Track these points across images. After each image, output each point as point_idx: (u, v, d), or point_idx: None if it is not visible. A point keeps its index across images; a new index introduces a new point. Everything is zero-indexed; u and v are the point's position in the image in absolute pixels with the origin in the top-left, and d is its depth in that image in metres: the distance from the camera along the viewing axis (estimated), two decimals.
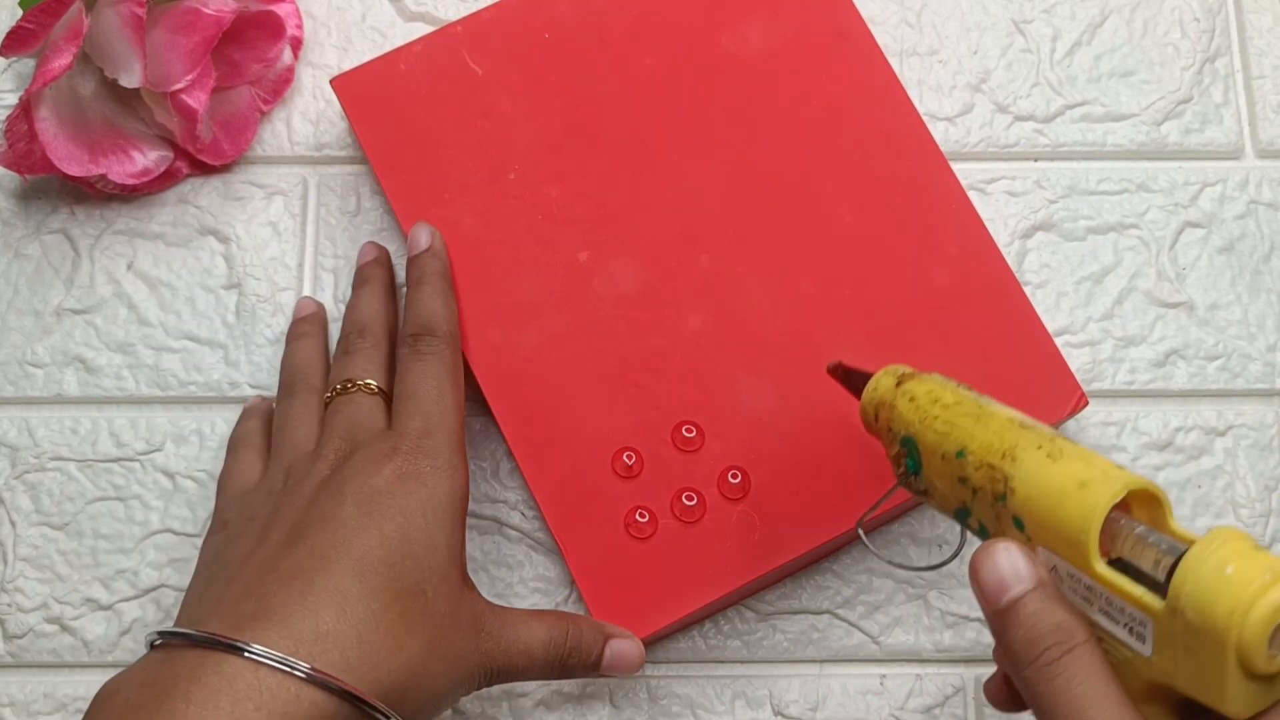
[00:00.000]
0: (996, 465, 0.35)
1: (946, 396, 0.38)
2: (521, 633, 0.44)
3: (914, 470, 0.39)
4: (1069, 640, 0.32)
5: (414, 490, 0.42)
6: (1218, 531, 0.30)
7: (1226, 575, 0.29)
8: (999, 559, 0.34)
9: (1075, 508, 0.32)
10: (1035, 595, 0.33)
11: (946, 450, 0.37)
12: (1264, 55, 0.57)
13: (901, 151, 0.52)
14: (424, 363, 0.46)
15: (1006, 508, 0.34)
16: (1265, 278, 0.55)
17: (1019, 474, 0.34)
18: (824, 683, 0.50)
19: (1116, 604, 0.32)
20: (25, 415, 0.53)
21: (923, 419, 0.38)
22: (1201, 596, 0.29)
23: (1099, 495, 0.32)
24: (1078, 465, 0.33)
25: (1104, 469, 0.33)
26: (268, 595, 0.39)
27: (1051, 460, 0.33)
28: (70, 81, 0.51)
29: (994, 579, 0.34)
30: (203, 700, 0.36)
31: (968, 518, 0.37)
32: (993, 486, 0.35)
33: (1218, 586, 0.29)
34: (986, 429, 0.36)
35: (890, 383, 0.40)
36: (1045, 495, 0.33)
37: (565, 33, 0.52)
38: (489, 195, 0.51)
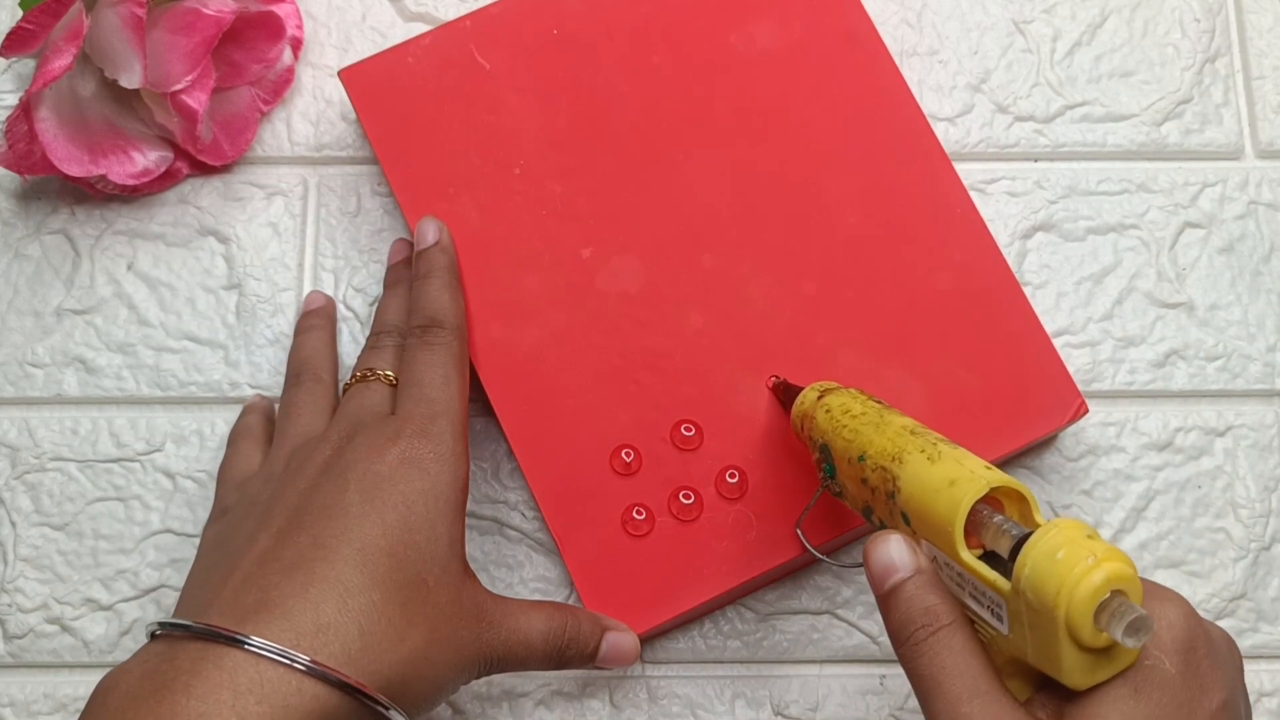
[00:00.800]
0: (888, 467, 0.39)
1: (855, 408, 0.43)
2: (521, 623, 0.44)
3: (830, 474, 0.43)
4: (935, 622, 0.36)
5: (416, 478, 0.42)
6: (1055, 521, 0.34)
7: (1057, 559, 0.32)
8: (886, 548, 0.38)
9: (945, 503, 0.36)
10: (912, 582, 0.37)
11: (851, 455, 0.41)
12: (1264, 55, 0.57)
13: (906, 154, 0.52)
14: (431, 352, 0.46)
15: (896, 504, 0.38)
16: (1265, 278, 0.54)
17: (904, 474, 0.38)
18: (824, 683, 0.50)
19: (979, 588, 0.35)
20: (25, 415, 0.53)
21: (834, 427, 0.42)
22: (1036, 578, 0.32)
23: (965, 491, 0.36)
24: (951, 466, 0.37)
25: (972, 469, 0.36)
26: (269, 586, 0.39)
27: (930, 462, 0.38)
28: (70, 82, 0.51)
29: (880, 566, 0.37)
30: (204, 694, 0.36)
31: (871, 515, 0.41)
32: (885, 486, 0.39)
33: (1049, 568, 0.32)
34: (882, 435, 0.40)
35: (813, 396, 0.45)
36: (923, 493, 0.37)
37: (573, 29, 0.53)
38: (494, 190, 0.51)
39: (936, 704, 0.35)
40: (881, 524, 0.40)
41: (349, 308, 0.54)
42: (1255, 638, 0.51)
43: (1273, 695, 0.51)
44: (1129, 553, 0.51)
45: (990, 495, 0.36)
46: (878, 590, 0.38)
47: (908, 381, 0.49)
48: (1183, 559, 0.52)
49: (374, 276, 0.54)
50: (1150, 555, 0.52)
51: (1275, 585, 0.51)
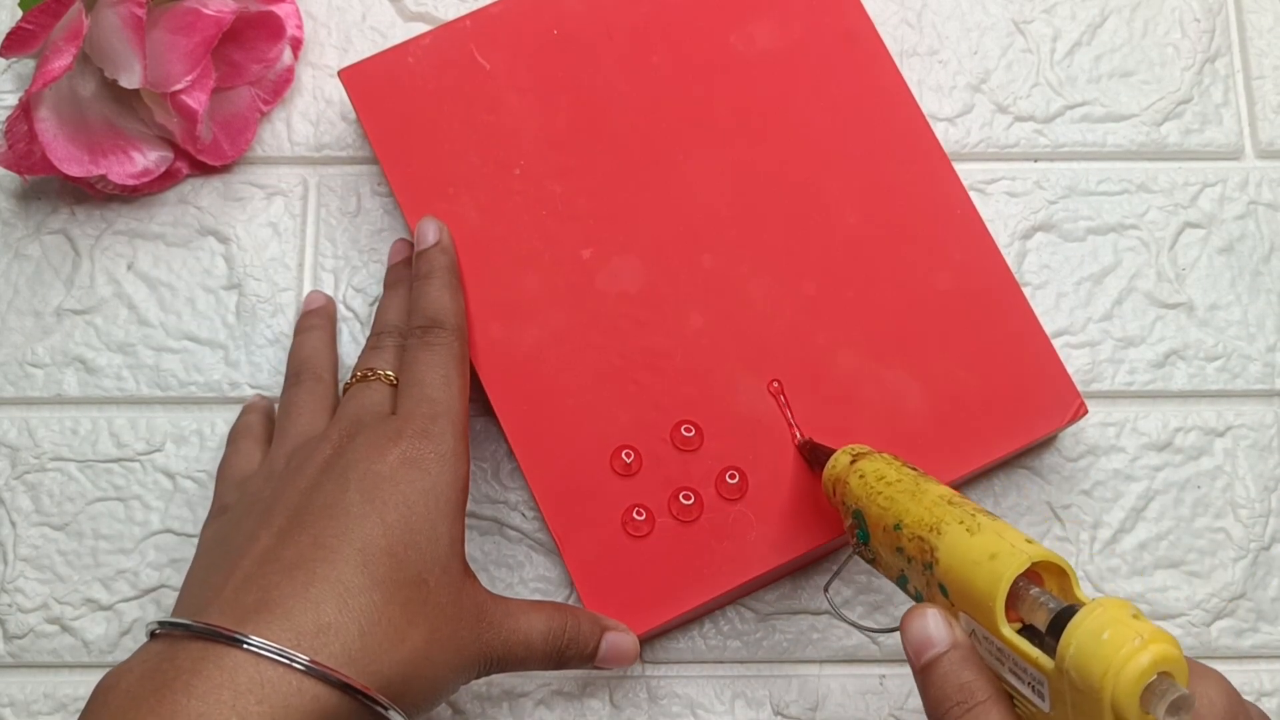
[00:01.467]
0: (925, 537, 0.38)
1: (890, 474, 0.42)
2: (521, 623, 0.44)
3: (864, 540, 0.42)
4: (971, 699, 0.36)
5: (417, 478, 0.42)
6: (1099, 600, 0.33)
7: (1102, 639, 0.32)
8: (923, 622, 0.37)
9: (986, 577, 0.36)
10: (948, 657, 0.37)
11: (887, 523, 0.40)
12: (1264, 55, 0.57)
13: (906, 154, 0.52)
14: (432, 352, 0.46)
15: (934, 576, 0.38)
16: (1265, 278, 0.54)
17: (943, 546, 0.38)
18: (824, 683, 0.50)
19: (1020, 664, 0.35)
20: (25, 415, 0.53)
21: (869, 494, 0.42)
22: (1081, 658, 0.32)
23: (1006, 565, 0.35)
24: (991, 539, 0.36)
25: (1013, 543, 0.36)
26: (270, 586, 0.39)
27: (970, 534, 0.37)
28: (70, 82, 0.51)
29: (917, 640, 0.37)
30: (204, 694, 0.36)
31: (906, 584, 0.40)
32: (922, 556, 0.38)
33: (1095, 649, 0.32)
34: (920, 504, 0.39)
35: (846, 460, 0.44)
36: (963, 565, 0.37)
37: (573, 29, 0.53)
38: (494, 190, 0.51)
39: None
40: (918, 593, 0.39)
41: (349, 308, 0.54)
42: (1255, 638, 0.51)
43: (1273, 695, 0.51)
44: (1128, 553, 0.52)
45: (1030, 569, 0.35)
46: (915, 664, 0.37)
47: (908, 381, 0.49)
48: (1182, 559, 0.52)
49: (374, 276, 0.54)
50: (1150, 555, 0.52)
51: (1275, 585, 0.51)
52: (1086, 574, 0.51)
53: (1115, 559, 0.51)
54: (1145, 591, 0.51)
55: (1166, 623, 0.51)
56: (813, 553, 0.49)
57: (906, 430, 0.49)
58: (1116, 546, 0.52)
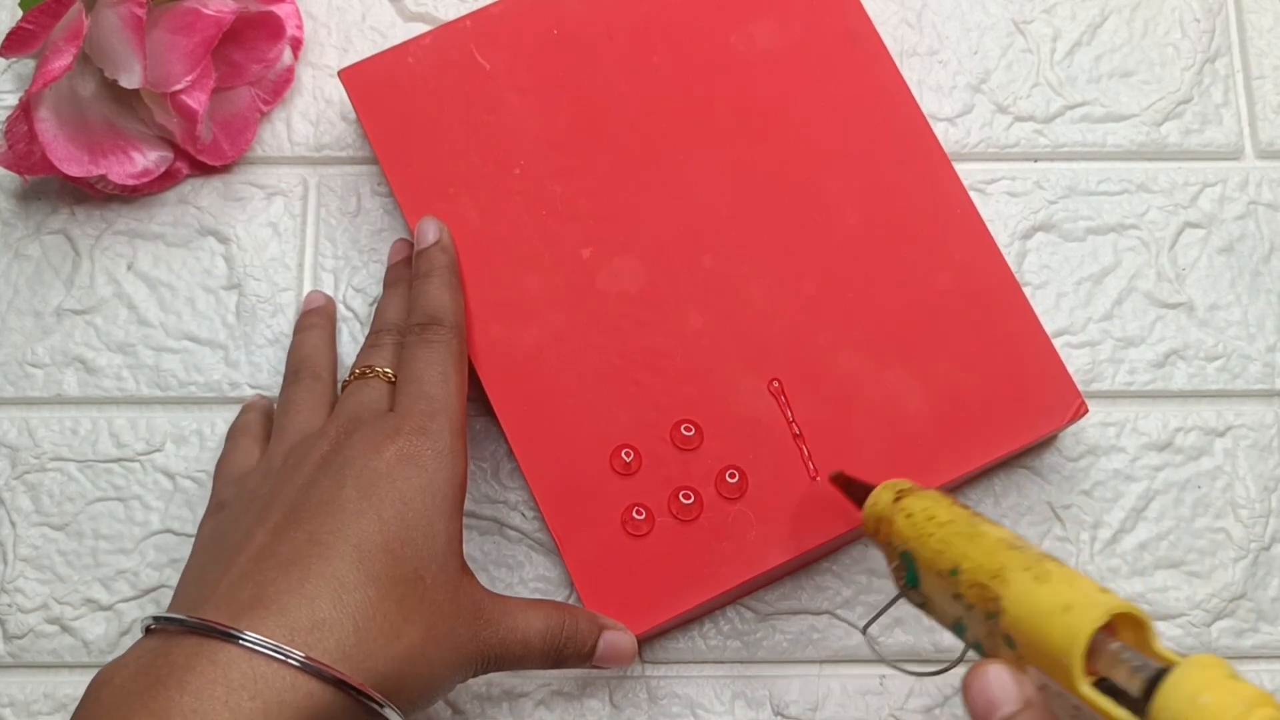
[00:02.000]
0: (987, 585, 0.36)
1: (941, 514, 0.39)
2: (519, 622, 0.44)
3: (912, 584, 0.40)
4: None
5: (414, 474, 0.42)
6: (1196, 658, 0.31)
7: (1202, 703, 0.30)
8: (988, 680, 0.35)
9: (1061, 631, 0.33)
10: (1021, 716, 0.34)
11: (941, 567, 0.38)
12: (1264, 55, 0.57)
13: (906, 155, 0.52)
14: (430, 349, 0.46)
15: (998, 626, 0.35)
16: (1265, 278, 0.54)
17: (1008, 595, 0.35)
18: (824, 683, 0.50)
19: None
20: (25, 415, 0.53)
21: (919, 535, 0.39)
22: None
23: (1083, 619, 0.33)
24: (1063, 589, 0.34)
25: (1087, 593, 0.34)
26: (265, 582, 0.39)
27: (1038, 583, 0.35)
28: (70, 82, 0.51)
29: (983, 700, 0.35)
30: (198, 690, 0.36)
31: (964, 632, 0.38)
32: (984, 605, 0.36)
33: (1194, 714, 0.30)
34: (979, 548, 0.37)
35: (889, 498, 0.42)
36: (1033, 617, 0.34)
37: (573, 29, 0.53)
38: (494, 190, 0.51)
39: None
40: (976, 642, 0.37)
41: (349, 307, 0.54)
42: (1255, 638, 0.51)
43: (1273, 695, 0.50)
44: (1129, 553, 0.51)
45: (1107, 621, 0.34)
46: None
47: (908, 381, 0.49)
48: (1183, 559, 0.52)
49: (374, 276, 0.54)
50: (1150, 555, 0.52)
51: (1275, 585, 0.51)
52: (1086, 574, 0.51)
53: (1115, 559, 0.51)
54: (1145, 592, 0.51)
55: (1166, 623, 0.51)
56: (813, 552, 0.48)
57: (906, 430, 0.49)
58: (1117, 547, 0.52)
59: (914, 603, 0.40)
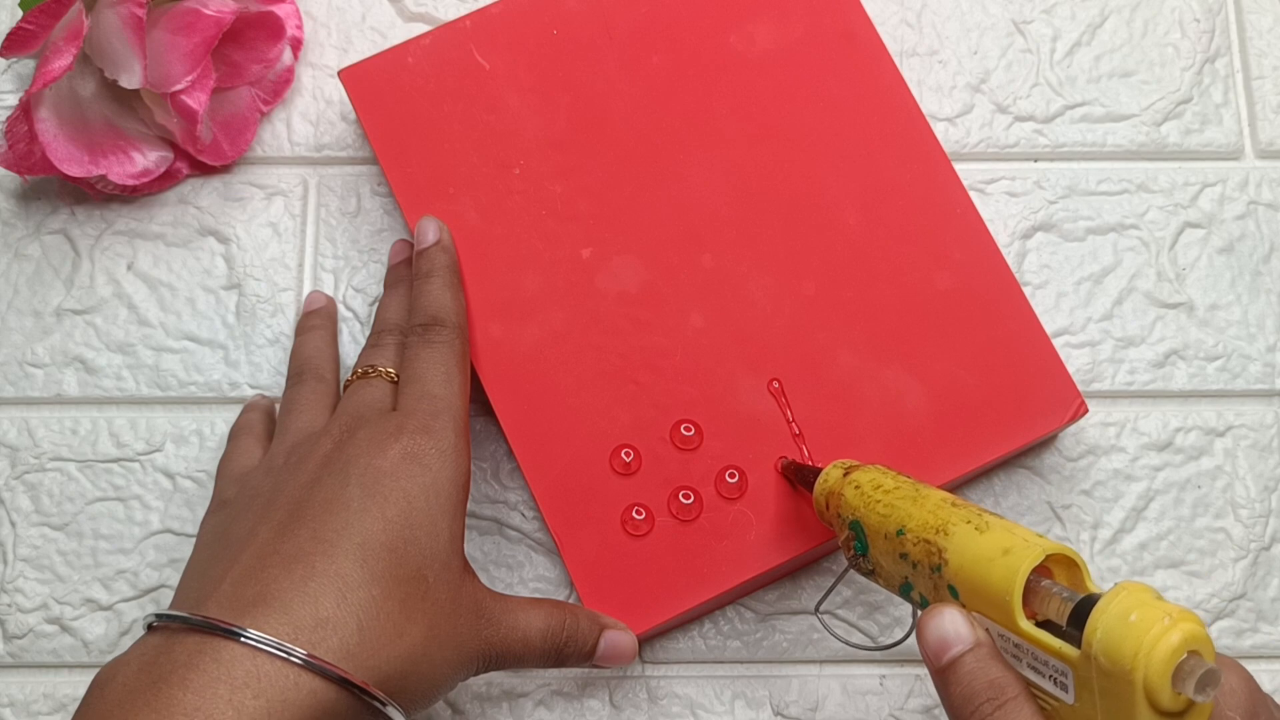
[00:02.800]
0: (932, 540, 0.38)
1: (887, 483, 0.42)
2: (520, 620, 0.44)
3: (862, 551, 0.42)
4: (1001, 695, 0.34)
5: (418, 473, 0.42)
6: (1121, 584, 0.33)
7: (1130, 621, 0.31)
8: (942, 621, 0.36)
9: (1000, 572, 0.35)
10: (972, 654, 0.35)
11: (888, 530, 0.40)
12: (1264, 55, 0.57)
13: (906, 154, 0.52)
14: (433, 349, 0.46)
15: (942, 578, 0.37)
16: (1265, 278, 0.54)
17: (951, 546, 0.37)
18: (824, 683, 0.50)
19: (1041, 658, 0.34)
20: (25, 415, 0.53)
21: (867, 503, 0.41)
22: (1109, 641, 0.32)
23: (1020, 559, 0.35)
24: (1002, 535, 0.36)
25: (1025, 537, 0.36)
26: (268, 580, 0.39)
27: (979, 532, 0.37)
28: (70, 82, 0.51)
29: (936, 639, 0.36)
30: (201, 688, 0.36)
31: (910, 591, 0.39)
32: (929, 559, 0.38)
33: (1123, 631, 0.32)
34: (922, 508, 0.39)
35: (838, 474, 0.44)
36: (974, 563, 0.36)
37: (573, 29, 0.53)
38: (493, 190, 0.51)
39: None
40: (923, 599, 0.39)
41: (349, 308, 0.54)
42: (1255, 638, 0.51)
43: (1273, 695, 0.51)
44: (1128, 553, 0.51)
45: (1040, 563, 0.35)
46: (934, 664, 0.36)
47: (908, 381, 0.49)
48: (1183, 559, 0.52)
49: (374, 276, 0.54)
50: (1150, 555, 0.52)
51: (1275, 585, 0.51)
52: None
53: (1115, 559, 0.51)
54: None
55: None
56: (813, 552, 0.48)
57: (906, 430, 0.49)
58: (1117, 546, 0.52)
59: (863, 571, 0.42)
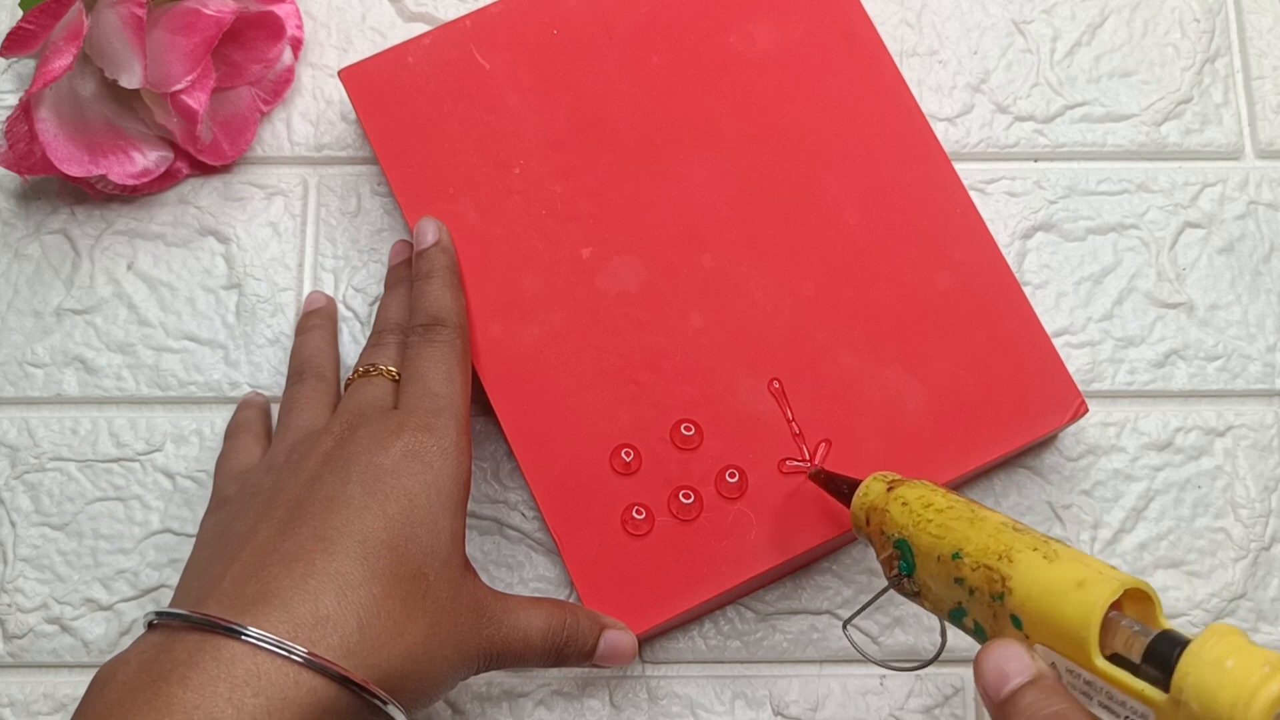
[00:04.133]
0: (994, 566, 0.36)
1: (939, 501, 0.40)
2: (521, 619, 0.44)
3: (908, 572, 0.40)
4: None
5: (419, 471, 0.42)
6: (1215, 627, 0.32)
7: (1227, 668, 0.31)
8: (1002, 653, 0.35)
9: (1075, 606, 0.34)
10: (1034, 686, 0.34)
11: (942, 552, 0.38)
12: (1264, 55, 0.57)
13: (906, 154, 0.52)
14: (434, 349, 0.46)
15: (1004, 607, 0.36)
16: (1265, 278, 0.54)
17: (1016, 574, 0.35)
18: (824, 683, 0.50)
19: (1117, 698, 0.33)
20: (25, 415, 0.53)
21: (916, 522, 0.40)
22: (1204, 688, 0.31)
23: (1098, 593, 0.33)
24: (1074, 566, 0.35)
25: (1099, 569, 0.34)
26: (269, 578, 0.39)
27: (1048, 561, 0.35)
28: (70, 82, 0.51)
29: (996, 672, 0.35)
30: (200, 685, 0.36)
31: (963, 617, 0.38)
32: (990, 587, 0.36)
33: (1219, 679, 0.30)
34: (981, 532, 0.37)
35: (880, 488, 0.42)
36: (1044, 594, 0.35)
37: (573, 29, 0.53)
38: (493, 190, 0.51)
39: None
40: (978, 626, 0.37)
41: (349, 308, 0.54)
42: (1255, 638, 0.51)
43: None
44: (1129, 553, 0.51)
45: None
46: (994, 697, 0.35)
47: (908, 381, 0.49)
48: (1183, 559, 0.52)
49: (374, 276, 0.54)
50: (1150, 555, 0.52)
51: (1275, 585, 0.51)
52: None
53: (1116, 559, 0.51)
54: None
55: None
56: (813, 552, 0.48)
57: (906, 430, 0.49)
58: (1117, 546, 0.52)
59: (905, 593, 0.41)
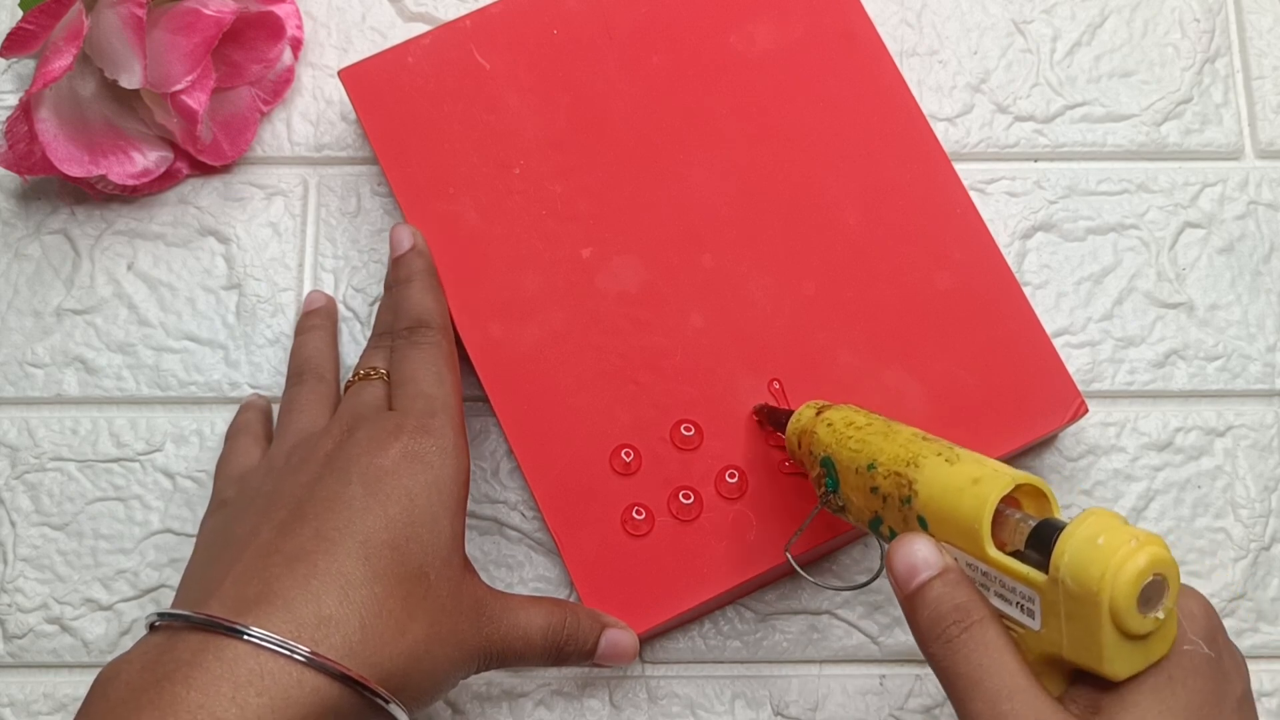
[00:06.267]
0: (902, 472, 0.38)
1: (859, 419, 0.42)
2: (521, 618, 0.44)
3: (833, 488, 0.42)
4: (967, 618, 0.35)
5: (420, 471, 0.42)
6: (1089, 510, 0.34)
7: (1098, 544, 0.32)
8: (911, 549, 0.37)
9: (970, 501, 0.36)
10: (940, 579, 0.36)
11: (859, 465, 0.40)
12: (1264, 55, 0.57)
13: (906, 154, 0.52)
14: (421, 351, 0.46)
15: (912, 509, 0.38)
16: (1265, 278, 0.54)
17: (921, 478, 0.38)
18: (824, 683, 0.50)
19: (1008, 584, 0.35)
20: (25, 415, 0.53)
21: (839, 440, 0.42)
22: (1077, 564, 0.32)
23: (990, 488, 0.35)
24: (972, 466, 0.37)
25: (995, 468, 0.36)
26: (271, 578, 0.39)
27: (949, 464, 0.37)
28: (70, 82, 0.51)
29: (905, 565, 0.37)
30: (204, 686, 0.36)
31: (880, 525, 0.40)
32: (899, 491, 0.38)
33: (1090, 554, 0.32)
34: (893, 443, 0.40)
35: (811, 413, 0.45)
36: (944, 493, 0.37)
37: (573, 29, 0.53)
38: (493, 190, 0.51)
39: (975, 703, 0.34)
40: (892, 532, 0.39)
41: (349, 308, 0.54)
42: (1255, 638, 0.51)
43: (1273, 695, 0.51)
44: None
45: (1009, 496, 0.36)
46: (904, 590, 0.37)
47: (908, 381, 0.49)
48: (1182, 559, 0.52)
49: (374, 276, 0.54)
50: None
51: (1275, 585, 0.51)
52: None
53: None
54: None
55: None
56: (813, 552, 0.49)
57: None
58: None
59: (833, 508, 0.43)
